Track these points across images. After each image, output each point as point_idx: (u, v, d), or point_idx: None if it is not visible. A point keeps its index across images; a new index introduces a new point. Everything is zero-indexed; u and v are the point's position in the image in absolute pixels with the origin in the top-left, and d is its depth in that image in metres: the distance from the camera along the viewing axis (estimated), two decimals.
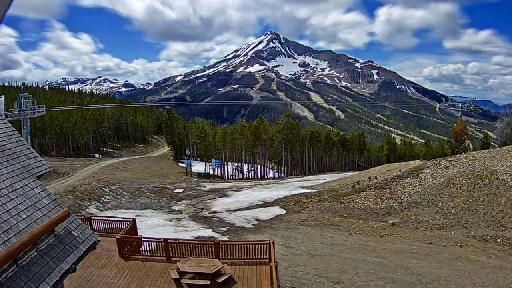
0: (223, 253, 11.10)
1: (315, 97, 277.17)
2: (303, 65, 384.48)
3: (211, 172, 56.89)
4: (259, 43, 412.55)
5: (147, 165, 54.95)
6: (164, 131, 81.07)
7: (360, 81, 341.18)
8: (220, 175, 56.83)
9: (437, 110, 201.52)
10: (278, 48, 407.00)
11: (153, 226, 22.60)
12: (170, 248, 11.17)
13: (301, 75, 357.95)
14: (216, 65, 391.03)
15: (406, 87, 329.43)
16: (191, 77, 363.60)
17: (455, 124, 58.38)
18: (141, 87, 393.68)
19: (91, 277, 9.96)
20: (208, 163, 58.97)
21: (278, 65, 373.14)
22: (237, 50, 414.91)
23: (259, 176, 59.50)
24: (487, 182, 23.10)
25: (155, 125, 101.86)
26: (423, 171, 29.92)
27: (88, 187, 34.31)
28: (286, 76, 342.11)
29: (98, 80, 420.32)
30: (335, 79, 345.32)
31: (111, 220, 13.96)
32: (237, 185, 44.12)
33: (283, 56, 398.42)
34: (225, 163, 59.46)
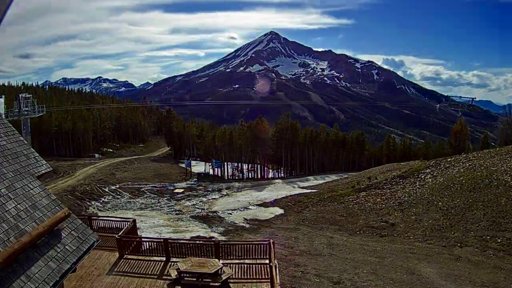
0: (223, 253, 11.09)
1: (315, 97, 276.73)
2: (303, 65, 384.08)
3: (211, 172, 56.86)
4: (259, 43, 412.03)
5: (147, 165, 54.92)
6: (164, 131, 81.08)
7: (360, 81, 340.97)
8: (220, 175, 56.83)
9: (437, 110, 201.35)
10: (278, 48, 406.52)
11: (153, 226, 22.61)
12: (170, 248, 11.16)
13: (301, 75, 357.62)
14: (216, 65, 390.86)
15: (406, 87, 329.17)
16: (191, 77, 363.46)
17: (455, 124, 58.38)
18: (141, 87, 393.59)
19: (91, 277, 9.96)
20: (208, 163, 58.91)
21: (278, 65, 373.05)
22: (237, 50, 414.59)
23: (259, 176, 59.44)
24: (487, 182, 23.09)
25: (154, 125, 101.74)
26: (423, 171, 29.93)
27: (88, 187, 34.30)
28: (286, 76, 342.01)
29: (98, 80, 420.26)
30: (335, 79, 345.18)
31: (111, 220, 13.94)
32: (237, 185, 44.15)
33: (283, 56, 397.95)
34: (225, 163, 59.42)
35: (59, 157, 58.73)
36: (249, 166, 61.61)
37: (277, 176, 60.21)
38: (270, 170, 64.31)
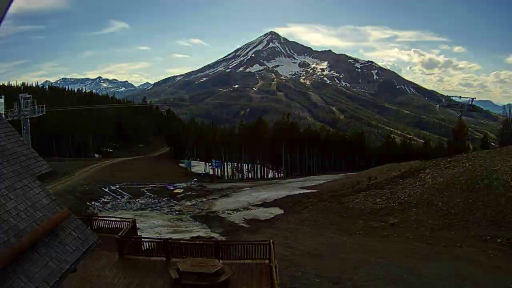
0: (223, 253, 11.10)
1: (315, 97, 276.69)
2: (303, 65, 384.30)
3: (211, 172, 56.95)
4: (259, 43, 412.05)
5: (147, 165, 54.96)
6: (164, 131, 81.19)
7: (360, 81, 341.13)
8: (220, 175, 56.87)
9: (437, 110, 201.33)
10: (278, 48, 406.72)
11: (153, 226, 22.61)
12: (170, 248, 11.16)
13: (301, 75, 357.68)
14: (216, 65, 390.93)
15: (405, 87, 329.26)
16: (191, 77, 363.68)
17: (455, 124, 58.40)
18: (141, 87, 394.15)
19: (91, 277, 9.96)
20: (208, 163, 58.96)
21: (278, 65, 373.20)
22: (237, 50, 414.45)
23: (258, 177, 59.51)
24: (487, 182, 23.07)
25: (154, 125, 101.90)
26: (423, 171, 29.90)
27: (88, 187, 34.30)
28: (286, 77, 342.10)
29: (97, 80, 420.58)
30: (335, 79, 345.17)
31: (111, 220, 13.96)
32: (237, 185, 44.11)
33: (282, 56, 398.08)
34: (225, 163, 59.46)
35: (59, 157, 58.77)
36: (249, 166, 61.68)
37: (277, 176, 60.26)
38: (270, 170, 64.37)
